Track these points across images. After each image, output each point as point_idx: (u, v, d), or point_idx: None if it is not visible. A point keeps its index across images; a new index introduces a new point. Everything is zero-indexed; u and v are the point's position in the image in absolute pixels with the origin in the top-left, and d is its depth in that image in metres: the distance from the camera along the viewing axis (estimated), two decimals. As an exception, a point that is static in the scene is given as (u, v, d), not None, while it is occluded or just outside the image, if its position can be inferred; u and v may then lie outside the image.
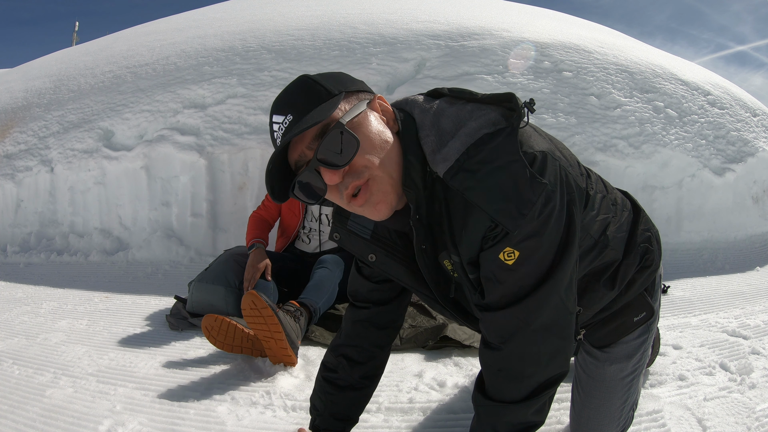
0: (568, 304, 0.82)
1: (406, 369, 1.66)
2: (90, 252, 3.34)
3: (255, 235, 2.24)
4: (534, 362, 0.82)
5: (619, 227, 0.96)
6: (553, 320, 0.81)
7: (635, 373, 1.10)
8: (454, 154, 0.77)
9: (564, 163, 0.80)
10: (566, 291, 0.81)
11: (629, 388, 1.10)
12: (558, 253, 0.79)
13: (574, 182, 0.81)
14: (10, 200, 3.79)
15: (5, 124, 4.47)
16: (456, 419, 1.36)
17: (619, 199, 1.00)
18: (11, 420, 1.34)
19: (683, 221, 3.32)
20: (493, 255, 0.79)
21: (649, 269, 1.01)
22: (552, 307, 0.81)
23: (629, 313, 1.04)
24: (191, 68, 4.03)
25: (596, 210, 0.90)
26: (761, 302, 2.34)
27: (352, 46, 3.87)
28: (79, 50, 6.26)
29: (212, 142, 3.33)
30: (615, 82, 3.68)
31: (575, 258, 0.82)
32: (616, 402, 1.11)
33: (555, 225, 0.77)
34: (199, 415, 1.37)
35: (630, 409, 1.15)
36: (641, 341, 1.07)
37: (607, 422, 1.13)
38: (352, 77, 0.84)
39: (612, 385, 1.09)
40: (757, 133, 3.95)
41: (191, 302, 2.14)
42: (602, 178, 0.99)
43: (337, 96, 0.77)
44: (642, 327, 1.06)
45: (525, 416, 0.84)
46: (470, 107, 0.81)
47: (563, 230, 0.79)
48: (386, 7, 4.84)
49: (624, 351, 1.07)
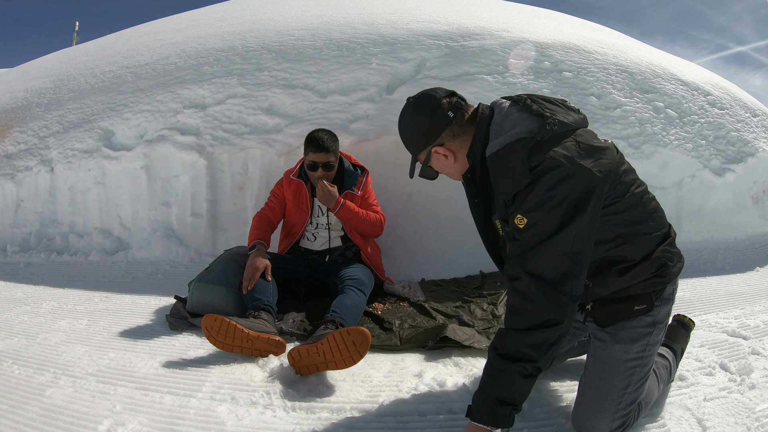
0: (564, 265, 1.07)
1: (406, 369, 1.66)
2: (90, 252, 3.34)
3: (257, 236, 2.23)
4: (527, 301, 1.08)
5: (646, 236, 1.21)
6: (546, 272, 1.07)
7: (638, 363, 1.22)
8: (498, 145, 1.14)
9: (578, 170, 1.07)
10: (563, 256, 1.07)
11: (631, 375, 1.22)
12: (557, 226, 1.06)
13: (586, 185, 1.07)
14: (10, 200, 3.79)
15: (5, 124, 4.47)
16: (456, 419, 1.36)
17: (657, 218, 1.24)
18: (11, 420, 1.34)
19: (683, 221, 3.32)
20: (512, 219, 1.12)
21: (661, 279, 1.22)
22: (547, 262, 1.07)
23: (632, 302, 1.22)
24: (191, 68, 4.03)
25: (619, 214, 1.17)
26: (761, 302, 2.34)
27: (352, 46, 3.87)
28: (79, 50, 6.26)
29: (212, 142, 3.33)
30: (615, 83, 3.68)
31: (573, 235, 1.06)
32: (616, 384, 1.22)
33: (554, 207, 1.06)
34: (199, 415, 1.38)
35: (631, 400, 1.23)
36: (645, 332, 1.23)
37: (606, 404, 1.22)
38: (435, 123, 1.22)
39: (614, 366, 1.23)
40: (757, 134, 3.95)
41: (191, 302, 2.14)
42: (655, 203, 1.26)
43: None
44: (644, 319, 1.22)
45: (521, 345, 1.07)
46: (525, 116, 1.14)
47: (564, 212, 1.06)
48: (386, 7, 4.84)
49: (628, 334, 1.23)
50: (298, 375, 1.59)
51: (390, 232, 2.80)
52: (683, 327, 1.64)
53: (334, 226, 2.34)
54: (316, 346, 1.56)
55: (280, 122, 3.37)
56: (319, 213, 2.35)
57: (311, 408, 1.42)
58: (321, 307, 2.18)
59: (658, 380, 1.39)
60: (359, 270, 2.15)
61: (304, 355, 1.57)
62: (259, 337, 1.70)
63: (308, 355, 1.57)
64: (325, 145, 2.24)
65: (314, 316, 2.11)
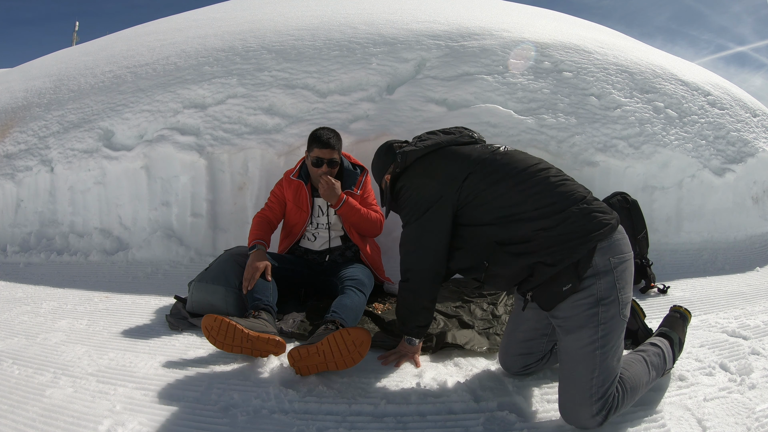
0: (422, 241, 1.50)
1: (406, 369, 1.66)
2: (90, 252, 3.34)
3: (256, 236, 2.23)
4: (401, 251, 1.58)
5: (526, 215, 1.35)
6: (406, 239, 1.56)
7: (595, 345, 1.27)
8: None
9: (421, 185, 1.51)
10: (422, 237, 1.49)
11: (592, 359, 1.26)
12: (414, 217, 1.51)
13: (436, 193, 1.47)
14: (10, 200, 3.79)
15: (5, 124, 4.47)
16: (456, 419, 1.36)
17: (539, 197, 1.36)
18: (11, 420, 1.34)
19: (683, 221, 3.32)
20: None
21: (574, 245, 1.29)
22: (412, 233, 1.52)
23: (558, 284, 1.30)
24: (191, 68, 4.03)
25: (486, 204, 1.40)
26: (761, 302, 2.34)
27: (352, 46, 3.87)
28: (79, 50, 6.26)
29: (212, 142, 3.33)
30: (615, 83, 3.68)
31: (423, 225, 1.48)
32: (581, 371, 1.27)
33: (408, 201, 1.53)
34: (198, 415, 1.37)
35: (601, 382, 1.25)
36: (591, 314, 1.28)
37: (578, 391, 1.27)
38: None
39: (574, 355, 1.29)
40: (757, 134, 3.95)
41: (191, 302, 2.14)
42: (546, 183, 1.39)
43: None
44: (583, 301, 1.28)
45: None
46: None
47: (416, 208, 1.50)
48: (386, 7, 4.84)
49: (575, 323, 1.29)
50: (298, 375, 1.59)
51: (390, 232, 2.80)
52: (682, 318, 1.66)
53: (334, 226, 2.34)
54: (316, 347, 1.56)
55: (280, 122, 3.37)
56: (320, 213, 2.35)
57: (311, 408, 1.42)
58: (321, 307, 2.18)
59: (648, 366, 1.40)
60: (359, 270, 2.15)
61: (304, 355, 1.57)
62: (259, 338, 1.70)
63: (308, 355, 1.57)
64: (331, 142, 2.24)
65: (314, 316, 2.11)
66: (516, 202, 1.37)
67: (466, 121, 3.18)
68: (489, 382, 1.55)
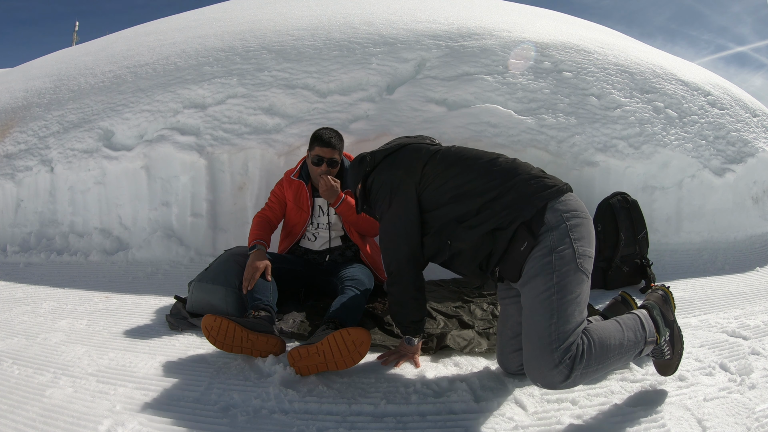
0: (395, 228, 1.59)
1: (406, 369, 1.66)
2: (90, 252, 3.34)
3: (256, 236, 2.23)
4: (381, 250, 1.67)
5: (476, 190, 1.47)
6: (383, 233, 1.64)
7: (551, 291, 1.31)
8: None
9: (387, 176, 1.65)
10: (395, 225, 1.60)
11: (549, 304, 1.30)
12: (385, 205, 1.62)
13: (401, 184, 1.59)
14: (10, 200, 3.79)
15: (5, 124, 4.47)
16: (456, 419, 1.36)
17: (488, 175, 1.50)
18: (11, 420, 1.34)
19: (683, 221, 3.32)
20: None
21: (523, 206, 1.40)
22: (386, 226, 1.64)
23: (516, 247, 1.39)
24: (191, 68, 4.03)
25: (442, 186, 1.53)
26: (761, 303, 2.34)
27: (352, 46, 3.87)
28: (79, 50, 6.26)
29: (212, 142, 3.33)
30: (615, 83, 3.68)
31: (393, 212, 1.60)
32: (539, 318, 1.31)
33: (378, 193, 1.65)
34: (198, 415, 1.38)
35: (561, 328, 1.28)
36: (545, 263, 1.34)
37: (539, 338, 1.30)
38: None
39: (532, 305, 1.34)
40: (757, 134, 3.95)
41: (191, 302, 2.14)
42: (492, 164, 1.54)
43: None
44: (537, 253, 1.35)
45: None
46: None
47: (385, 196, 1.62)
48: (386, 7, 4.84)
49: (530, 274, 1.36)
50: (298, 375, 1.59)
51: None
52: (663, 296, 1.58)
53: (334, 226, 2.34)
54: (316, 347, 1.56)
55: (280, 122, 3.37)
56: (320, 213, 2.35)
57: (311, 408, 1.42)
58: (321, 307, 2.18)
59: (621, 325, 1.39)
60: (359, 270, 2.15)
61: (304, 355, 1.57)
62: (259, 338, 1.70)
63: (308, 355, 1.57)
64: (332, 142, 2.25)
65: (314, 316, 2.11)
66: (468, 180, 1.50)
67: (466, 121, 3.18)
68: (489, 382, 1.55)
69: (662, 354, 1.48)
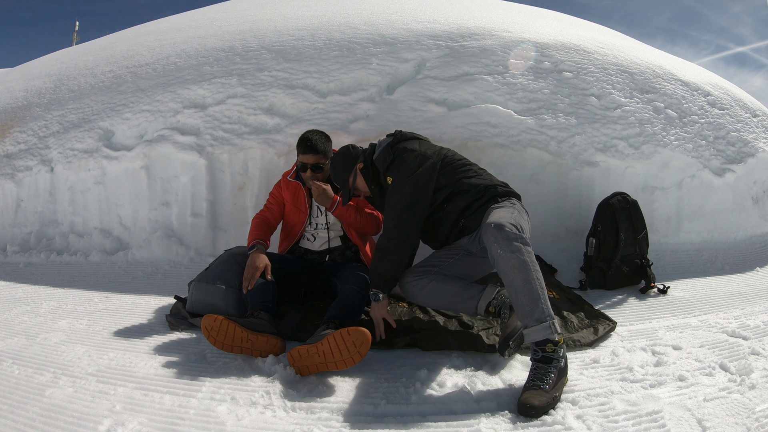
0: (401, 212, 1.85)
1: (406, 369, 1.66)
2: (90, 252, 3.34)
3: (256, 236, 2.23)
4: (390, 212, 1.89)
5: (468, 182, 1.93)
6: (396, 198, 1.88)
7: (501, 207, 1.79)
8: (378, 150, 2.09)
9: (420, 147, 1.98)
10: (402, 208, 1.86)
11: (501, 210, 1.74)
12: (411, 170, 1.89)
13: (430, 153, 1.96)
14: (10, 200, 3.79)
15: (5, 124, 4.47)
16: (456, 419, 1.36)
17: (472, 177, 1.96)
18: (11, 420, 1.34)
19: (683, 222, 3.31)
20: (384, 181, 2.00)
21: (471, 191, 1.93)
22: (393, 206, 1.88)
23: (476, 202, 1.88)
24: (191, 68, 4.03)
25: (450, 174, 1.94)
26: (761, 303, 2.34)
27: (352, 46, 3.87)
28: (79, 50, 6.26)
29: (212, 142, 3.33)
30: (615, 83, 3.68)
31: (418, 177, 1.88)
32: (502, 213, 1.70)
33: (408, 156, 1.93)
34: (199, 415, 1.38)
35: (517, 223, 1.63)
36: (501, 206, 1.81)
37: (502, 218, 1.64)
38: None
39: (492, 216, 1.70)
40: (757, 134, 3.95)
41: (191, 302, 2.14)
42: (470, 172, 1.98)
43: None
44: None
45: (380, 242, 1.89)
46: (385, 138, 2.12)
47: (416, 161, 1.91)
48: (386, 7, 4.84)
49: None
50: (298, 375, 1.59)
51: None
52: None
53: (333, 226, 2.34)
54: (316, 347, 1.56)
55: (280, 122, 3.37)
56: (318, 213, 2.35)
57: (311, 408, 1.42)
58: (321, 307, 2.18)
59: (540, 286, 1.60)
60: (359, 270, 2.15)
61: (304, 355, 1.57)
62: (259, 338, 1.70)
63: (308, 355, 1.57)
64: (314, 147, 2.23)
65: (314, 316, 2.10)
66: (461, 177, 1.94)
67: (466, 121, 3.18)
68: (489, 381, 1.55)
69: (550, 366, 1.45)
